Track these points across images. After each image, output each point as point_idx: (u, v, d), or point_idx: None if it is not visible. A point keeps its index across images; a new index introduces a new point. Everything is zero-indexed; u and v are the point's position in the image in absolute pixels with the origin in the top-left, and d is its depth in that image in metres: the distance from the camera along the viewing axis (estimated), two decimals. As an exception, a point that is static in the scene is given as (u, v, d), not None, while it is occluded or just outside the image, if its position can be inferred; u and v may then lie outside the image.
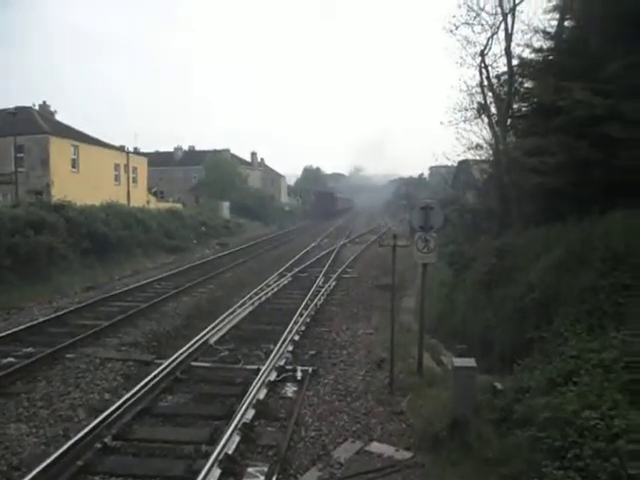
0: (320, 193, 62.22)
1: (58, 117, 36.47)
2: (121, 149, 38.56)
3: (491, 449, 6.00)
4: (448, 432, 6.68)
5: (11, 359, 10.10)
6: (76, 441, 6.59)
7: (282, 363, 9.94)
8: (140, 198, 37.65)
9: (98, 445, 6.72)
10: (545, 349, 7.54)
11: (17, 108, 33.80)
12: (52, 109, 36.48)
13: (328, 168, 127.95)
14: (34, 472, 5.81)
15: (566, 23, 14.18)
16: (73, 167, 32.01)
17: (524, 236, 11.68)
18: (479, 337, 9.84)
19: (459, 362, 7.14)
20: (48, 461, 6.07)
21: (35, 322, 12.96)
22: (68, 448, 6.41)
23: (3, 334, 11.68)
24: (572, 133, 10.32)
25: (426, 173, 70.87)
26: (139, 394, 8.21)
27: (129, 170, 37.85)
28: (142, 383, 8.57)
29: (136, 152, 50.71)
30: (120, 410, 7.58)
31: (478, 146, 16.98)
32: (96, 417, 7.30)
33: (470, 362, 7.12)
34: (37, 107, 35.19)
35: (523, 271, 10.12)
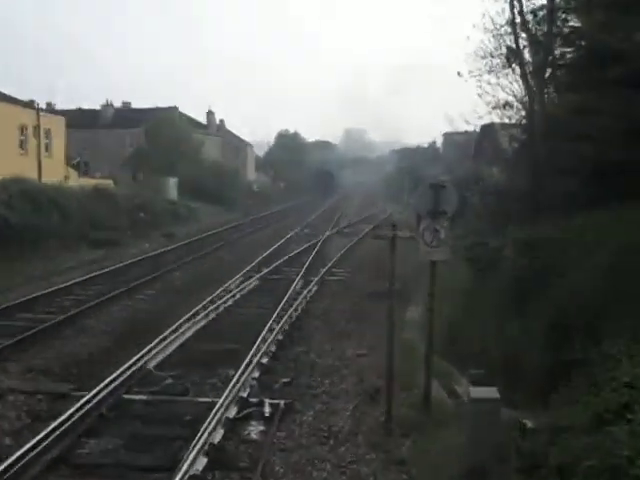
0: (320, 172, 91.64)
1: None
2: (29, 105, 37.98)
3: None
4: (463, 485, 6.75)
5: None
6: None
7: (245, 394, 9.96)
8: (56, 172, 37.17)
9: (-6, 507, 6.68)
10: (591, 376, 7.63)
11: None
12: None
13: (310, 135, 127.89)
14: None
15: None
16: (-42, 128, 31.50)
17: (565, 226, 11.78)
18: (503, 359, 9.94)
19: (477, 392, 7.22)
20: None
21: None
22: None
23: None
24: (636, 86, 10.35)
25: (439, 142, 71.29)
26: (51, 438, 8.13)
27: (40, 133, 37.33)
28: (56, 423, 8.48)
29: (50, 109, 50.02)
30: (25, 459, 7.51)
31: (507, 105, 17.07)
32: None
33: (492, 392, 7.20)
34: None
35: (564, 274, 10.22)
